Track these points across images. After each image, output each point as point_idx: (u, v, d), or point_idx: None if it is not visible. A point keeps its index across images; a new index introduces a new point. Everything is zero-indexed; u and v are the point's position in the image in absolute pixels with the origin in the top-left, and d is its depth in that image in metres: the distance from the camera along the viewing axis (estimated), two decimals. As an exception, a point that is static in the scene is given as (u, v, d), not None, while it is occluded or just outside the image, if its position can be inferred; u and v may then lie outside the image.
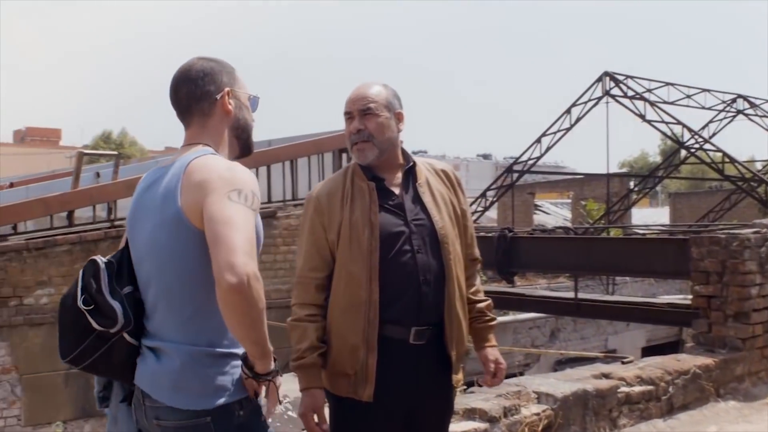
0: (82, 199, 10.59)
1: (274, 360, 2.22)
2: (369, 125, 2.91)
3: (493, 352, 3.12)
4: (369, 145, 2.91)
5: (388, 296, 2.84)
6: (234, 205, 2.10)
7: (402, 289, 2.84)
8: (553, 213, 36.69)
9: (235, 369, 2.22)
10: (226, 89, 2.37)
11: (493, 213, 28.87)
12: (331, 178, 3.06)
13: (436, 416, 3.02)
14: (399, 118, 3.00)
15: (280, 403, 2.40)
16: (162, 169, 2.32)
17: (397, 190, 2.96)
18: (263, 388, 2.22)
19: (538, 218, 33.14)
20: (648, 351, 18.02)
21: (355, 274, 2.84)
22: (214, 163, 2.21)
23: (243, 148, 2.46)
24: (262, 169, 12.68)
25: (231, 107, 2.37)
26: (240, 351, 2.21)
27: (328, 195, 2.95)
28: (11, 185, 16.51)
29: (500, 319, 15.85)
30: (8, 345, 9.26)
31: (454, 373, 2.98)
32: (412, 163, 3.02)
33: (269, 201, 12.35)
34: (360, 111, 2.93)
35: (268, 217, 11.52)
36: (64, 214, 10.49)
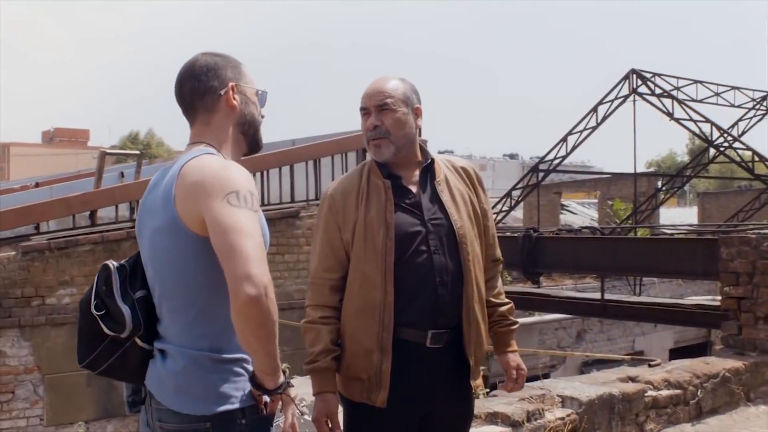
0: (105, 199, 10.59)
1: (284, 372, 2.18)
2: (386, 121, 2.82)
3: (514, 358, 3.02)
4: (385, 142, 2.82)
5: (404, 298, 2.75)
6: (237, 210, 2.04)
7: (417, 292, 2.75)
8: (580, 213, 36.43)
9: (241, 376, 2.16)
10: (231, 84, 2.30)
11: (519, 213, 28.71)
12: (347, 176, 2.97)
13: (454, 422, 2.92)
14: (417, 113, 2.91)
15: (302, 414, 2.33)
16: (165, 171, 2.28)
17: (414, 188, 2.86)
18: (278, 403, 2.18)
19: (565, 218, 32.93)
20: (676, 353, 17.79)
21: (369, 275, 2.75)
22: (208, 164, 2.15)
23: (250, 143, 2.40)
24: (285, 169, 12.65)
25: (236, 102, 2.30)
26: (246, 356, 2.16)
27: (343, 193, 2.87)
28: (36, 185, 16.61)
29: (526, 320, 15.71)
30: (31, 345, 9.26)
31: (472, 378, 2.87)
32: (430, 160, 2.92)
33: (292, 201, 12.31)
34: (376, 106, 2.83)
35: (290, 216, 11.47)
36: (87, 213, 10.49)
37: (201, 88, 2.28)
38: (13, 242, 9.50)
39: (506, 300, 3.08)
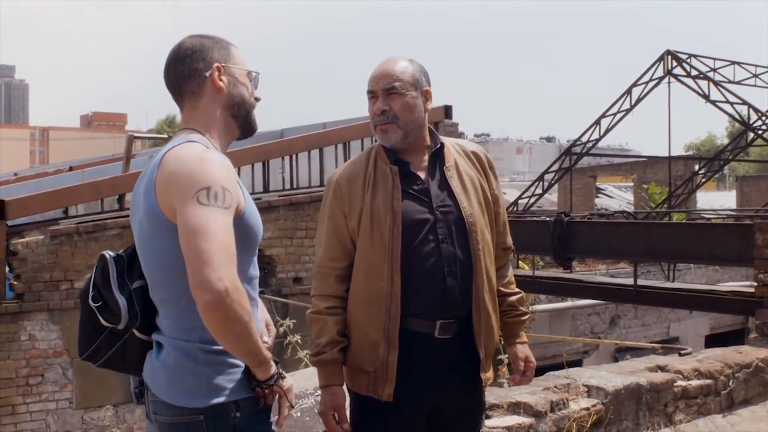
0: (133, 183, 10.51)
1: (276, 363, 2.12)
2: (394, 105, 2.70)
3: (523, 350, 2.92)
4: (393, 127, 2.71)
5: (411, 289, 2.65)
6: (203, 210, 1.97)
7: (425, 282, 2.65)
8: (617, 196, 36.07)
9: (234, 367, 2.11)
10: (215, 65, 2.21)
11: (555, 197, 28.44)
12: (353, 161, 2.87)
13: (464, 415, 2.82)
14: (426, 96, 2.79)
15: (293, 407, 2.26)
16: (154, 159, 2.22)
17: (422, 175, 2.76)
18: (275, 395, 2.15)
19: (601, 202, 32.61)
20: (712, 339, 17.54)
21: (376, 264, 2.66)
22: (186, 154, 2.07)
23: (242, 126, 2.31)
24: (315, 153, 12.61)
25: (222, 84, 2.22)
26: None
27: (349, 179, 2.77)
28: (70, 169, 16.75)
29: (559, 305, 15.55)
30: (60, 329, 9.31)
31: (482, 370, 2.77)
32: (440, 145, 2.81)
33: (322, 185, 12.26)
34: (384, 90, 2.72)
35: (320, 201, 11.41)
36: (116, 197, 10.51)
37: (186, 72, 2.21)
38: (42, 226, 9.53)
39: (517, 290, 2.98)
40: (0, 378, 8.96)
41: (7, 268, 9.22)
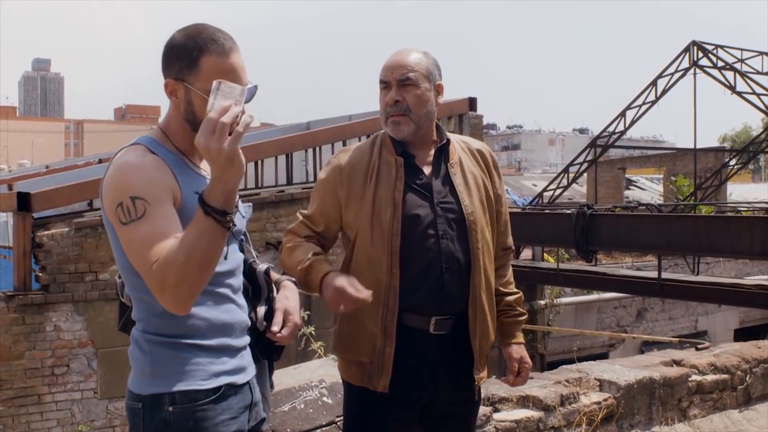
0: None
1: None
2: (407, 97, 2.66)
3: (518, 350, 2.90)
4: (405, 119, 2.67)
5: (408, 283, 2.64)
6: (124, 231, 1.98)
7: (422, 277, 2.64)
8: (649, 188, 35.77)
9: (176, 360, 2.06)
10: (167, 80, 2.10)
11: (584, 189, 28.24)
12: (357, 147, 2.83)
13: (457, 411, 2.83)
14: (439, 90, 2.76)
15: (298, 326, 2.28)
16: None
17: (427, 169, 2.73)
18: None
19: (633, 194, 32.36)
20: (741, 333, 17.33)
21: (375, 257, 2.65)
22: (115, 162, 2.06)
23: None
24: (338, 145, 12.61)
25: (176, 98, 2.11)
26: (192, 340, 2.08)
27: (352, 166, 2.74)
28: (100, 161, 16.91)
29: (584, 297, 15.45)
30: (84, 320, 9.43)
31: (476, 369, 2.76)
32: (445, 141, 2.79)
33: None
34: (398, 81, 2.67)
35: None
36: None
37: (162, 67, 2.13)
38: (67, 219, 9.66)
39: (515, 290, 2.96)
40: (26, 368, 9.09)
41: (32, 260, 9.35)
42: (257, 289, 2.33)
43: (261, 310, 2.31)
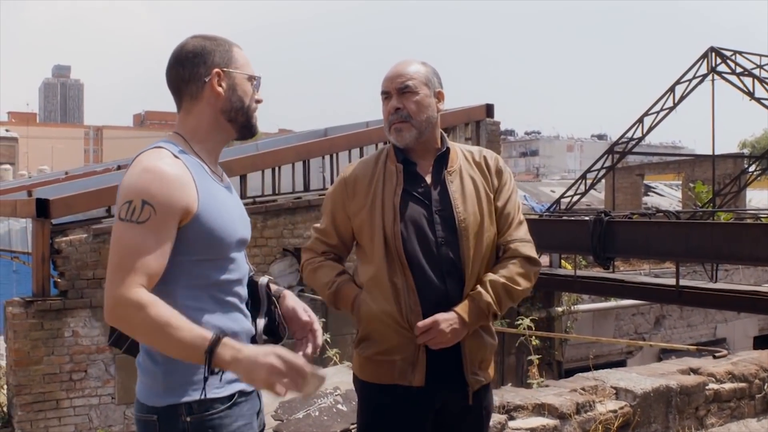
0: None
1: (213, 344, 1.94)
2: (407, 104, 2.76)
3: (445, 316, 2.65)
4: (407, 126, 2.76)
5: (417, 286, 2.70)
6: (117, 226, 2.02)
7: (421, 283, 2.69)
8: (668, 195, 35.60)
9: (193, 369, 2.04)
10: (215, 70, 2.19)
11: (603, 195, 28.11)
12: (364, 160, 2.94)
13: (467, 417, 2.83)
14: (439, 97, 2.85)
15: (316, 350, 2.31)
16: None
17: (428, 177, 2.80)
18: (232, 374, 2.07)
19: (652, 200, 32.20)
20: (761, 341, 17.19)
21: (385, 263, 2.71)
22: (137, 163, 2.10)
23: (241, 130, 2.26)
24: (355, 152, 12.63)
25: (221, 90, 2.20)
26: None
27: (357, 178, 2.84)
28: (118, 168, 16.99)
29: (602, 305, 15.36)
30: (102, 325, 9.45)
31: (470, 372, 2.76)
32: (446, 149, 2.84)
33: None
34: (398, 89, 2.78)
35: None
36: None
37: (186, 75, 2.19)
38: (85, 225, 9.72)
39: (500, 278, 2.74)
40: (44, 373, 9.15)
41: (51, 266, 9.42)
42: (256, 302, 2.35)
43: (261, 322, 2.33)
